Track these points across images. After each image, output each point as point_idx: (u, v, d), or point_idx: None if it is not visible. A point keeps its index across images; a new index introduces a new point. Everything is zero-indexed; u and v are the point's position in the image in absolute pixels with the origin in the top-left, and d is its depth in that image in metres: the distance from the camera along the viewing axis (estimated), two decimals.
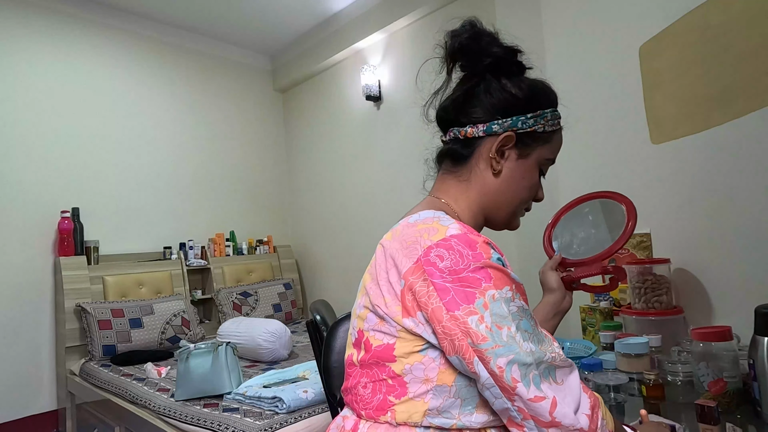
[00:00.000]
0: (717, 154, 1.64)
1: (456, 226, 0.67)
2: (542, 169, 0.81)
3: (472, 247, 0.64)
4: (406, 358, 0.65)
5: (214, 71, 3.97)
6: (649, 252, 1.80)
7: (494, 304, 0.61)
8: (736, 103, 1.58)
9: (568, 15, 2.16)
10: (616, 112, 1.97)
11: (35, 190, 2.98)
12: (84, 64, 3.27)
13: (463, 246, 0.64)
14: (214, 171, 3.89)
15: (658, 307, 1.62)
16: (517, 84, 0.77)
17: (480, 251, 0.64)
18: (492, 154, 0.76)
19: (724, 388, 1.05)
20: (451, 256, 0.63)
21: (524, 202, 0.81)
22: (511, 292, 0.63)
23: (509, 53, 0.78)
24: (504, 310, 0.61)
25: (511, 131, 0.75)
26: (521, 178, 0.78)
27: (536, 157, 0.78)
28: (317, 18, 3.65)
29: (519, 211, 0.82)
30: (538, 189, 0.82)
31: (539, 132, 0.77)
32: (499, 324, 0.60)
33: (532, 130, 0.76)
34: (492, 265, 0.63)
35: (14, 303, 2.85)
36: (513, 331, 0.60)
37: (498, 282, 0.62)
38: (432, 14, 3.06)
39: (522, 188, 0.79)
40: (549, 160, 0.81)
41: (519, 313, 0.62)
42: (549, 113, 0.78)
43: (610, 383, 1.21)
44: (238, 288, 3.57)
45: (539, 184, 0.82)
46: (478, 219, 0.79)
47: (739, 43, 1.57)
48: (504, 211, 0.80)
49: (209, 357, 1.95)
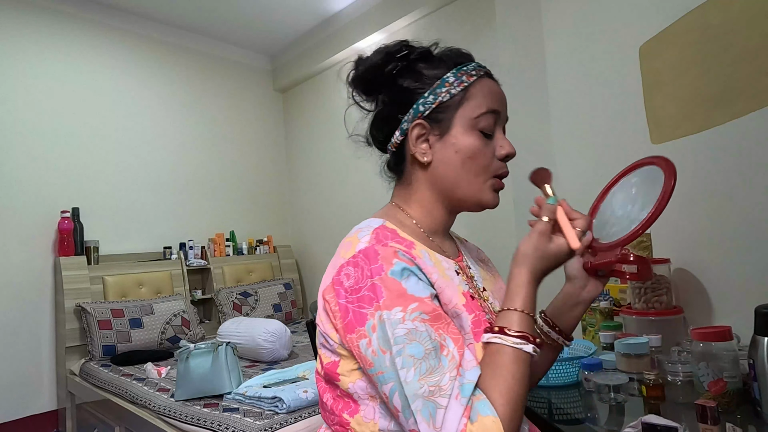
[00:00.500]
0: (717, 154, 1.64)
1: (367, 239, 0.65)
2: (484, 129, 0.71)
3: (374, 259, 0.61)
4: (348, 377, 0.64)
5: (214, 71, 3.97)
6: (649, 252, 1.80)
7: (381, 326, 0.58)
8: (736, 103, 1.58)
9: (568, 15, 2.16)
10: (616, 112, 1.97)
11: (35, 190, 2.98)
12: (84, 64, 3.27)
13: (366, 260, 0.62)
14: (214, 171, 3.89)
15: (658, 307, 1.62)
16: (408, 74, 0.74)
17: (381, 263, 0.61)
18: (413, 150, 0.73)
19: (724, 388, 1.05)
20: (355, 273, 0.62)
21: (480, 172, 0.71)
22: (403, 313, 0.58)
23: (389, 55, 0.75)
24: (388, 333, 0.57)
25: (418, 119, 0.73)
26: (455, 152, 0.71)
27: (461, 124, 0.71)
28: (317, 18, 3.65)
29: (483, 184, 0.72)
30: (491, 150, 0.72)
31: (447, 100, 0.71)
32: (384, 348, 0.57)
33: (437, 104, 0.71)
34: (386, 280, 0.60)
35: (14, 303, 2.85)
36: (393, 356, 0.56)
37: (388, 301, 0.59)
38: (432, 14, 3.06)
39: (463, 161, 0.71)
40: (484, 114, 0.71)
41: (408, 336, 0.57)
42: (451, 75, 0.72)
43: (610, 383, 1.21)
44: (238, 288, 3.57)
45: (489, 143, 0.72)
46: (435, 213, 0.75)
47: (739, 43, 1.57)
48: (463, 191, 0.72)
49: (209, 357, 1.95)
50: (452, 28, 2.95)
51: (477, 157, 0.71)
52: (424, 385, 0.55)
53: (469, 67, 0.73)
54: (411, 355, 0.56)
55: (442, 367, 0.56)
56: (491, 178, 0.72)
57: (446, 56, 0.75)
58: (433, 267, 0.67)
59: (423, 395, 0.55)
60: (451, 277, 0.70)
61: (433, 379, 0.55)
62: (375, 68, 0.75)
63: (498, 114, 0.73)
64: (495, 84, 0.75)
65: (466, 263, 0.79)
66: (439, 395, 0.55)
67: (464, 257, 0.80)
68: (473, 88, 0.72)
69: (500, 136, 0.74)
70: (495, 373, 0.58)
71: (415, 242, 0.69)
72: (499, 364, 0.58)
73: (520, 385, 0.58)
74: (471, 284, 0.74)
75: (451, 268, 0.72)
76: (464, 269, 0.76)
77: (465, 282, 0.72)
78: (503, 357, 0.59)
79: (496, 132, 0.73)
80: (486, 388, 0.57)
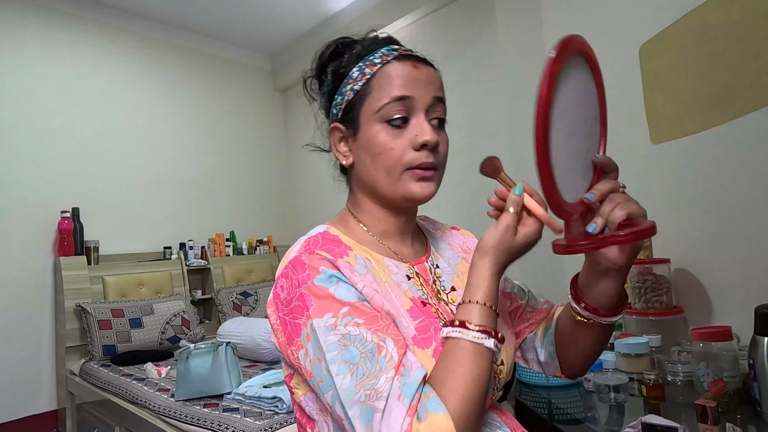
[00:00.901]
0: (717, 154, 1.64)
1: (298, 248, 0.64)
2: (391, 120, 0.65)
3: (301, 269, 0.60)
4: (300, 389, 0.64)
5: (214, 71, 3.97)
6: (649, 252, 1.80)
7: (314, 335, 0.56)
8: (736, 103, 1.58)
9: (568, 15, 2.16)
10: (616, 112, 1.97)
11: (35, 190, 2.98)
12: (84, 64, 3.27)
13: (295, 271, 0.60)
14: (214, 171, 3.89)
15: (658, 307, 1.62)
16: (328, 78, 0.73)
17: (308, 272, 0.59)
18: (335, 154, 0.73)
19: (724, 388, 1.05)
20: (287, 284, 0.60)
21: (392, 167, 0.66)
22: (334, 319, 0.56)
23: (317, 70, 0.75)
24: (321, 341, 0.56)
25: (334, 122, 0.71)
26: (368, 149, 0.67)
27: (367, 119, 0.67)
28: (317, 18, 3.65)
29: (398, 178, 0.66)
30: (406, 140, 0.65)
31: (352, 98, 0.68)
32: (319, 357, 0.56)
33: (345, 104, 0.69)
34: (314, 288, 0.58)
35: (14, 303, 2.85)
36: (328, 364, 0.55)
37: (317, 309, 0.57)
38: (432, 14, 3.06)
39: (373, 158, 0.66)
40: (387, 105, 0.65)
41: (341, 342, 0.55)
42: (355, 70, 0.68)
43: (610, 383, 1.21)
44: (238, 288, 3.57)
45: (402, 133, 0.66)
46: (378, 215, 0.72)
47: (739, 43, 1.57)
48: (382, 189, 0.68)
49: (209, 357, 1.95)
50: (452, 28, 2.95)
51: (384, 151, 0.65)
52: (360, 390, 0.53)
53: (375, 55, 0.68)
54: (346, 360, 0.54)
55: (378, 369, 0.53)
56: (407, 170, 0.65)
57: (357, 50, 0.71)
58: (367, 274, 0.63)
59: (359, 401, 0.52)
60: (398, 283, 0.66)
61: (369, 383, 0.53)
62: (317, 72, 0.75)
63: (408, 99, 0.65)
64: (406, 66, 0.67)
65: (433, 263, 0.74)
66: (376, 399, 0.52)
67: (431, 257, 0.75)
68: (376, 78, 0.67)
69: (417, 123, 0.66)
70: (450, 369, 0.54)
71: (353, 248, 0.66)
72: (456, 359, 0.55)
73: (478, 382, 0.54)
74: (429, 288, 0.69)
75: (402, 273, 0.68)
76: (423, 272, 0.71)
77: (418, 287, 0.68)
78: (461, 352, 0.55)
79: (412, 120, 0.66)
80: (438, 384, 0.54)
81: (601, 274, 0.65)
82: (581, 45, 0.60)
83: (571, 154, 0.59)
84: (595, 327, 0.68)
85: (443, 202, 3.06)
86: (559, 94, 0.55)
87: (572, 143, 0.59)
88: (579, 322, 0.69)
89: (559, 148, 0.55)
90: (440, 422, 0.50)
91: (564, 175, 0.57)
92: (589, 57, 0.61)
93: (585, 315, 0.67)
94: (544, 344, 0.77)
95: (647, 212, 0.60)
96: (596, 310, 0.67)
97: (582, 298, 0.68)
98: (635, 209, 0.57)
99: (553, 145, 0.54)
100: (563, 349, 0.74)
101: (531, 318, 0.80)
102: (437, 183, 0.68)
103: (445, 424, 0.50)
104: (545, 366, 0.78)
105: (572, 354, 0.73)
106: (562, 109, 0.56)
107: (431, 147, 0.66)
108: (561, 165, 0.56)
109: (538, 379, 1.38)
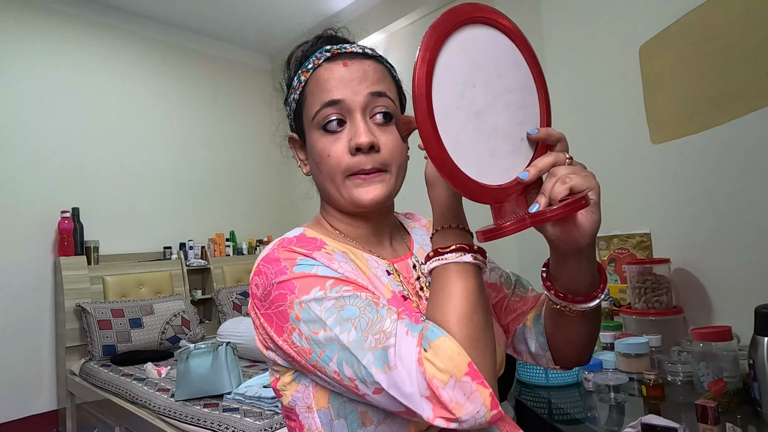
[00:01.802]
0: (717, 154, 1.64)
1: (271, 247, 0.63)
2: (325, 125, 0.64)
3: (277, 263, 0.60)
4: (287, 390, 0.63)
5: (213, 71, 3.97)
6: (649, 252, 1.80)
7: (304, 312, 0.55)
8: (736, 103, 1.58)
9: (568, 15, 2.16)
10: (616, 112, 1.97)
11: (35, 190, 2.98)
12: (84, 64, 3.27)
13: (268, 266, 0.60)
14: (214, 171, 3.89)
15: (658, 307, 1.62)
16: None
17: (284, 264, 0.59)
18: (298, 163, 0.73)
19: (724, 388, 1.05)
20: (262, 281, 0.60)
21: (333, 173, 0.64)
22: (322, 291, 0.55)
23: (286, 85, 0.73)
24: (314, 313, 0.54)
25: (290, 134, 0.73)
26: (312, 157, 0.68)
27: (309, 127, 0.66)
28: (317, 18, 3.65)
29: (341, 185, 0.65)
30: (343, 145, 0.63)
31: (295, 108, 0.69)
32: (315, 330, 0.54)
33: (292, 114, 0.70)
34: (294, 274, 0.58)
35: (14, 303, 2.85)
36: (330, 328, 0.53)
37: (303, 289, 0.56)
38: (432, 14, 3.06)
39: (318, 166, 0.66)
40: (319, 111, 0.64)
41: (337, 304, 0.54)
42: (295, 79, 0.68)
43: (610, 383, 1.21)
44: (238, 288, 3.57)
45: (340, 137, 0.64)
46: (346, 221, 0.71)
47: (739, 44, 1.57)
48: (331, 197, 0.68)
49: (209, 357, 1.95)
50: None
51: (323, 159, 0.64)
52: (368, 337, 0.51)
53: (309, 60, 0.67)
54: (347, 318, 0.53)
55: (380, 317, 0.53)
56: (348, 176, 0.64)
57: (298, 55, 0.71)
58: (347, 263, 0.62)
59: (371, 347, 0.51)
60: (378, 276, 0.65)
61: (376, 328, 0.52)
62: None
63: (339, 102, 0.63)
64: (336, 66, 0.65)
65: (416, 261, 0.72)
66: (386, 339, 0.51)
67: (414, 254, 0.74)
68: (308, 85, 0.66)
69: (352, 124, 0.63)
70: (440, 297, 0.54)
71: (329, 244, 0.65)
72: (444, 286, 0.54)
73: (472, 299, 0.53)
74: (409, 285, 0.68)
75: (381, 268, 0.67)
76: (404, 269, 0.70)
77: (398, 282, 0.67)
78: (445, 277, 0.54)
79: (349, 121, 0.64)
80: (434, 314, 0.54)
81: (563, 258, 0.60)
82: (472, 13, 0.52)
83: (487, 134, 0.53)
84: (575, 315, 0.64)
85: None
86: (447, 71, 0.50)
87: (485, 121, 0.53)
88: (556, 310, 0.65)
89: (461, 130, 0.50)
90: (444, 345, 0.49)
91: (478, 159, 0.51)
92: (495, 24, 0.55)
93: (559, 303, 0.64)
94: (534, 334, 0.73)
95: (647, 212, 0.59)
96: (568, 297, 0.63)
97: (553, 284, 0.64)
98: (579, 182, 0.51)
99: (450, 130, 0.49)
100: (553, 339, 0.71)
101: (518, 309, 0.76)
102: (388, 184, 0.65)
103: (449, 346, 0.49)
104: (537, 358, 0.74)
105: (562, 343, 0.70)
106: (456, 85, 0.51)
107: (366, 149, 0.62)
108: (469, 148, 0.51)
109: (538, 379, 1.38)
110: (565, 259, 0.60)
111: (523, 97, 0.57)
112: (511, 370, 1.44)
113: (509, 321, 0.76)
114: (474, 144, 0.51)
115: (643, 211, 1.83)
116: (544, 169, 0.54)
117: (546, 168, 0.53)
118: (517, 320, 0.75)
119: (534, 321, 0.73)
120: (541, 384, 1.37)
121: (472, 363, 0.49)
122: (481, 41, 0.54)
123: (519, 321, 0.75)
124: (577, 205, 0.49)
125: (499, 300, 0.77)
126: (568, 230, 0.55)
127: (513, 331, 0.76)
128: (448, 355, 0.49)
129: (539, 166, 0.53)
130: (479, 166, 0.51)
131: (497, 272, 0.79)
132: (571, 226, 0.55)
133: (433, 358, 0.49)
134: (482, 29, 0.54)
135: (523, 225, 0.50)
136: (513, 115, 0.56)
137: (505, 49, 0.57)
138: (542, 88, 0.59)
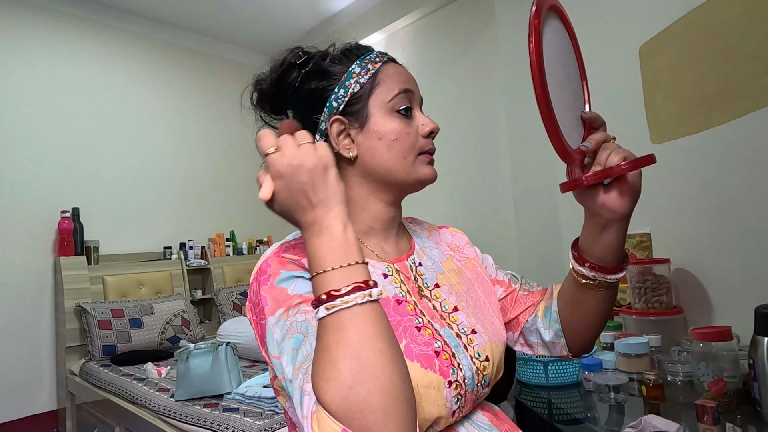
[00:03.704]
0: (717, 154, 1.64)
1: (268, 253, 0.65)
2: (401, 110, 0.70)
3: (264, 273, 0.61)
4: (282, 391, 0.64)
5: (213, 71, 3.97)
6: (649, 252, 1.80)
7: (269, 333, 0.56)
8: (736, 103, 1.58)
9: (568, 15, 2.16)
10: (616, 112, 1.97)
11: (35, 190, 2.98)
12: (84, 63, 3.27)
13: (257, 277, 0.62)
14: (214, 171, 3.89)
15: (658, 307, 1.62)
16: (314, 76, 0.72)
17: (269, 275, 0.60)
18: (336, 148, 0.70)
19: (724, 388, 1.05)
20: (253, 289, 0.62)
21: (408, 152, 0.69)
22: (285, 313, 0.56)
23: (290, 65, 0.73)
24: (276, 337, 0.55)
25: (334, 115, 0.70)
26: (378, 139, 0.69)
27: (378, 110, 0.69)
28: (317, 18, 3.65)
29: (413, 162, 0.70)
30: (414, 129, 0.70)
31: (357, 91, 0.70)
32: (278, 354, 0.55)
33: (349, 96, 0.70)
34: (272, 290, 0.59)
35: (14, 303, 2.85)
36: (284, 356, 0.53)
37: (272, 307, 0.57)
38: (432, 14, 3.06)
39: (389, 145, 0.69)
40: (397, 96, 0.70)
41: (289, 331, 0.54)
42: (356, 66, 0.71)
43: (610, 383, 1.21)
44: (238, 288, 3.58)
45: (410, 122, 0.71)
46: (371, 209, 0.72)
47: (739, 43, 1.57)
48: (397, 175, 0.70)
49: (209, 357, 1.95)
50: (452, 28, 2.95)
51: (401, 138, 0.69)
52: (299, 375, 0.50)
53: (371, 55, 0.72)
54: (293, 348, 0.52)
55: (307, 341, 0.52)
56: (420, 154, 0.71)
57: (347, 51, 0.74)
58: None
59: (299, 386, 0.49)
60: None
61: (305, 365, 0.50)
62: (279, 82, 0.74)
63: (411, 93, 0.72)
64: (400, 66, 0.74)
65: (415, 262, 0.74)
66: (306, 381, 0.48)
67: (415, 254, 0.76)
68: (380, 73, 0.71)
69: (419, 114, 0.73)
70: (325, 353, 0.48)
71: None
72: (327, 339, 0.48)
73: (360, 349, 0.46)
74: (410, 284, 0.70)
75: (378, 271, 0.69)
76: (404, 269, 0.72)
77: (396, 284, 0.68)
78: (330, 329, 0.48)
79: (414, 111, 0.72)
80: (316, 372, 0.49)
81: (603, 228, 0.68)
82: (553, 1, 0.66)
83: (565, 105, 0.63)
84: (601, 288, 0.70)
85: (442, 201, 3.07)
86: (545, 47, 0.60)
87: (565, 95, 0.64)
88: (584, 285, 0.71)
89: (556, 98, 0.59)
90: (323, 418, 0.45)
91: (564, 123, 0.61)
92: (560, 12, 0.67)
93: (590, 276, 0.70)
94: (548, 324, 0.77)
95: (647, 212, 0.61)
96: (601, 267, 0.69)
97: (586, 258, 0.70)
98: (629, 154, 0.62)
99: (552, 94, 0.58)
100: (569, 323, 0.75)
101: (528, 301, 0.80)
102: None
103: (326, 421, 0.45)
104: (551, 346, 0.78)
105: (580, 324, 0.74)
106: (549, 61, 0.60)
107: (433, 136, 0.73)
108: (560, 113, 0.60)
109: (538, 379, 1.38)
110: (605, 229, 0.67)
111: (577, 84, 0.70)
112: (511, 370, 1.44)
113: (520, 312, 0.80)
114: (562, 112, 0.60)
115: (643, 211, 1.82)
116: (600, 142, 0.65)
117: (601, 141, 0.65)
118: (528, 312, 0.80)
119: (545, 311, 0.78)
120: (541, 384, 1.37)
121: None
122: (556, 30, 0.65)
123: (530, 312, 0.80)
124: (649, 159, 0.60)
125: (510, 293, 0.81)
126: (619, 194, 0.65)
127: (523, 324, 0.79)
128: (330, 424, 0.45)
129: (596, 139, 0.65)
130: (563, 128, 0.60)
131: (502, 271, 0.84)
132: (624, 188, 0.64)
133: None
134: (555, 20, 0.65)
135: (605, 175, 0.61)
136: (574, 97, 0.67)
137: (567, 42, 0.68)
138: (585, 80, 0.73)
